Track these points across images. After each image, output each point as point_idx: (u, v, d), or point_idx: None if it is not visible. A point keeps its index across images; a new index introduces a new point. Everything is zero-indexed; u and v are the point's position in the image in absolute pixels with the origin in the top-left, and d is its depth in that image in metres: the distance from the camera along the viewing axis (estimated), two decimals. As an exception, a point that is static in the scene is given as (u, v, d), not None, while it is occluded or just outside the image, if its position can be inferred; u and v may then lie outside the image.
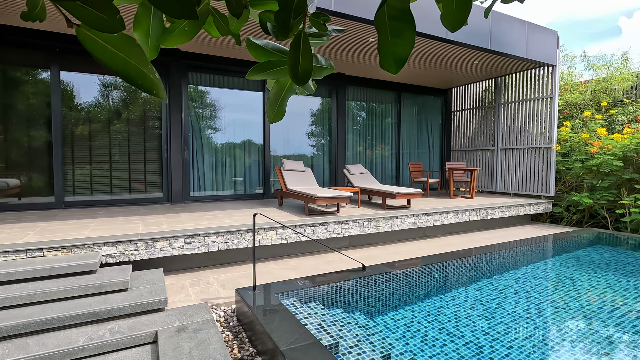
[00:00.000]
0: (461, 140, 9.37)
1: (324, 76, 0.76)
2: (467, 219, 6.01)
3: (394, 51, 0.55)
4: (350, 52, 6.32)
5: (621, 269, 4.26)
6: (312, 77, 0.72)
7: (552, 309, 3.15)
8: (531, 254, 4.92)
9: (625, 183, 6.44)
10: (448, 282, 3.80)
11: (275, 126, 7.36)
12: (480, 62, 7.00)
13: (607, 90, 8.32)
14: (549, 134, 7.21)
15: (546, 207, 7.19)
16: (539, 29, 6.76)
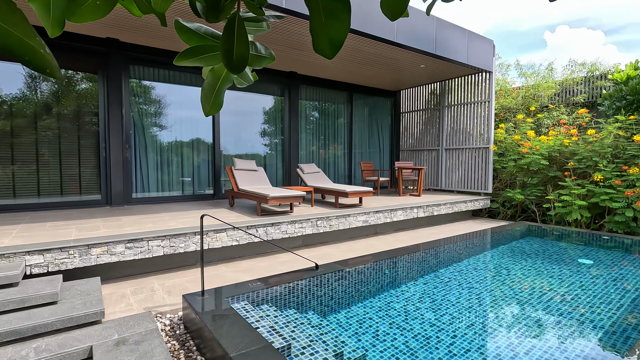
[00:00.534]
0: (409, 141, 9.78)
1: (263, 66, 0.72)
2: (415, 215, 6.28)
3: (328, 34, 0.52)
4: (302, 51, 6.30)
5: (547, 258, 4.70)
6: (251, 66, 0.68)
7: (491, 297, 3.39)
8: (472, 247, 5.26)
9: (550, 180, 7.14)
10: (398, 278, 3.93)
11: (226, 125, 7.12)
12: (426, 66, 7.35)
13: (535, 96, 9.17)
14: (487, 135, 7.78)
15: (485, 203, 7.75)
16: (478, 37, 7.26)
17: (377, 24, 5.52)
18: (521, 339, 2.57)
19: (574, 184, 6.42)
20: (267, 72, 7.48)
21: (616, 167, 6.11)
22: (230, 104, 7.17)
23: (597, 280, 3.81)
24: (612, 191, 5.92)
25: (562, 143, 6.89)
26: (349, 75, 8.26)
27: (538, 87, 9.22)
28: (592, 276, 3.94)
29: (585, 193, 6.24)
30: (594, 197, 6.10)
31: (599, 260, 4.59)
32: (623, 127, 6.34)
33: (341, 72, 7.86)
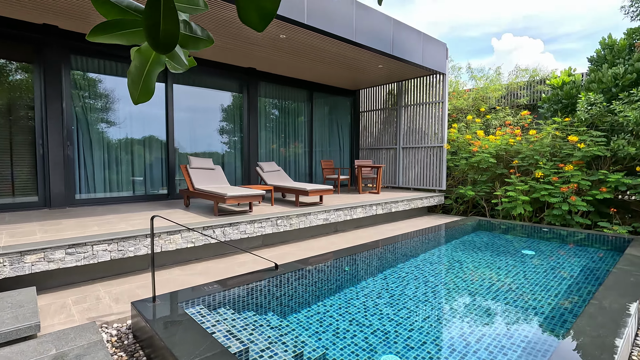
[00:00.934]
0: (369, 139, 9.97)
1: (201, 49, 0.66)
2: (374, 212, 6.41)
3: (258, 3, 0.47)
4: (261, 47, 6.18)
5: (495, 250, 5.00)
6: (185, 48, 0.61)
7: (445, 290, 3.53)
8: (427, 243, 5.46)
9: (498, 177, 7.62)
10: (358, 274, 3.97)
11: (182, 121, 6.80)
12: (384, 67, 7.52)
13: (484, 98, 9.74)
14: (441, 134, 8.13)
15: (439, 200, 8.10)
16: (432, 40, 7.55)
17: (337, 23, 5.55)
18: (472, 328, 2.69)
19: (518, 181, 6.89)
20: (224, 68, 7.25)
21: (554, 164, 6.64)
22: (185, 100, 6.86)
23: (538, 270, 4.11)
24: (551, 187, 6.43)
25: (507, 142, 7.37)
26: (310, 74, 8.24)
27: (487, 89, 9.79)
28: (533, 266, 4.25)
29: (528, 189, 6.73)
30: (535, 193, 6.59)
31: (540, 250, 4.96)
32: (559, 128, 6.91)
33: (301, 69, 7.82)
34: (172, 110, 6.62)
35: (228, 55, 6.66)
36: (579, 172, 6.26)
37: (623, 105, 5.85)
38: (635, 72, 6.35)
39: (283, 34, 5.51)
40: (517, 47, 36.91)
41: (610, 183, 6.03)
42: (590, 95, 6.46)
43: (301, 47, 6.19)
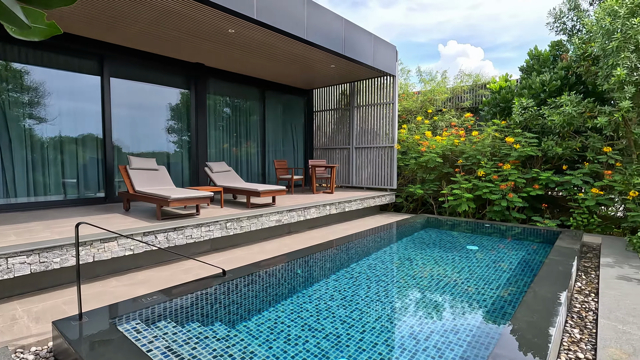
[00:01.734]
0: (322, 139, 9.98)
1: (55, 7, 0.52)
2: (328, 212, 6.39)
3: None
4: (208, 41, 5.88)
5: (442, 247, 5.20)
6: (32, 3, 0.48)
7: (396, 289, 3.57)
8: (379, 241, 5.55)
9: (444, 176, 7.99)
10: (310, 277, 3.90)
11: (122, 119, 6.27)
12: (336, 67, 7.54)
13: (431, 100, 10.18)
14: (392, 135, 8.35)
15: (391, 198, 8.31)
16: (383, 42, 7.72)
17: (288, 20, 5.43)
18: (422, 326, 2.73)
19: (462, 179, 7.27)
20: (169, 62, 6.81)
21: (494, 164, 7.10)
22: (125, 95, 6.33)
23: (481, 264, 4.32)
24: (491, 185, 6.86)
25: (453, 143, 7.74)
26: (262, 72, 8.03)
27: (434, 92, 10.25)
28: (477, 260, 4.46)
29: (472, 187, 7.12)
30: (478, 191, 6.99)
31: (483, 245, 5.25)
32: (498, 130, 7.41)
33: (254, 67, 7.59)
34: (110, 106, 6.08)
35: (173, 48, 6.26)
36: (515, 171, 6.74)
37: (550, 110, 6.39)
38: (559, 80, 6.98)
39: (232, 28, 5.27)
40: (461, 53, 39.38)
41: (541, 180, 6.57)
42: (523, 100, 6.99)
43: (252, 44, 5.99)
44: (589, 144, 6.38)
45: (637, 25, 4.91)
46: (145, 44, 6.02)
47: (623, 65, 5.10)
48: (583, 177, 6.21)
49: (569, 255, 3.94)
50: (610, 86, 5.37)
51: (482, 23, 60.26)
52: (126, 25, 5.13)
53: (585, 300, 3.25)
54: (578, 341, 2.55)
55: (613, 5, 5.16)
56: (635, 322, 2.67)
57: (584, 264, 4.39)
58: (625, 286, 3.42)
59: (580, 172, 6.27)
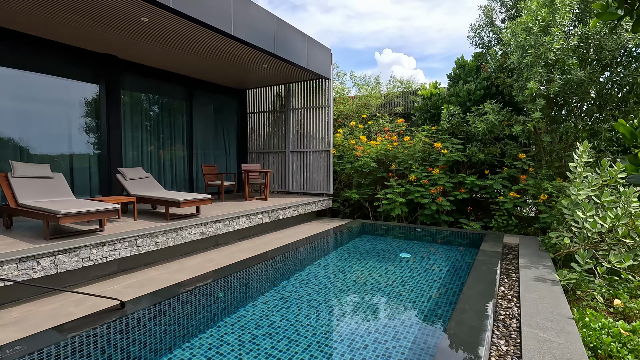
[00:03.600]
0: (257, 142, 9.51)
1: None
2: (260, 221, 5.98)
3: None
4: (119, 30, 5.12)
5: (377, 256, 5.11)
6: None
7: (328, 308, 3.31)
8: (313, 252, 5.29)
9: (379, 180, 8.05)
10: (234, 300, 3.48)
11: (6, 114, 5.19)
12: (269, 67, 7.16)
13: (366, 105, 10.30)
14: (328, 139, 8.20)
15: (327, 204, 8.15)
16: (317, 44, 7.53)
17: (212, 13, 4.93)
18: (353, 354, 2.49)
19: (396, 184, 7.36)
20: (73, 52, 5.84)
21: (424, 169, 7.30)
22: (12, 87, 5.26)
23: (413, 274, 4.27)
24: (422, 189, 7.03)
25: (386, 148, 7.83)
26: (188, 68, 7.34)
27: (368, 97, 10.37)
28: (409, 270, 4.42)
29: (404, 191, 7.24)
30: (410, 195, 7.12)
31: (415, 252, 5.27)
32: (428, 135, 7.66)
33: (177, 62, 6.88)
34: (-12, 100, 4.99)
35: (75, 35, 5.36)
36: (444, 176, 6.99)
37: (474, 118, 6.74)
38: (482, 89, 7.42)
39: (145, 16, 4.62)
40: (395, 61, 41.38)
41: (467, 185, 6.89)
42: (451, 107, 7.30)
43: (170, 36, 5.36)
44: (507, 150, 6.85)
45: (547, 43, 5.32)
46: (38, 28, 5.05)
47: (535, 79, 5.50)
48: (502, 181, 6.64)
49: (493, 261, 4.05)
50: (525, 98, 5.77)
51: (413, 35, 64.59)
52: (8, 2, 4.21)
53: (509, 306, 3.31)
54: (505, 354, 2.51)
55: (528, 22, 5.55)
56: (554, 327, 2.73)
57: (505, 266, 4.59)
58: (542, 288, 3.57)
59: (500, 177, 6.69)
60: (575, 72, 5.27)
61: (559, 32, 5.26)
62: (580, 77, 5.28)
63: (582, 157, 4.56)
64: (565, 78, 5.42)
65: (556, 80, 5.44)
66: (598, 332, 2.73)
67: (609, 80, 5.73)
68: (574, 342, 2.51)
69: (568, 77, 5.38)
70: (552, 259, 4.73)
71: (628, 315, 3.41)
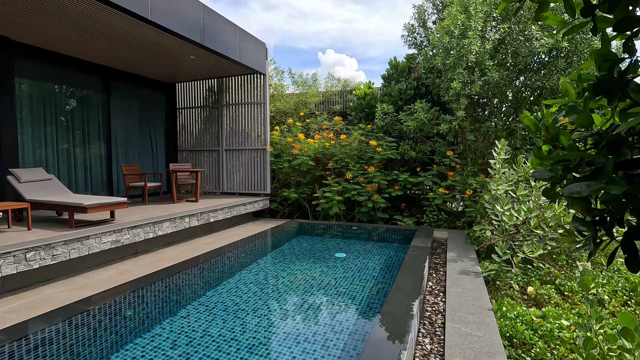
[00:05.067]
0: (188, 140, 8.87)
1: None
2: (188, 225, 5.52)
3: None
4: (7, 6, 4.32)
5: (312, 257, 4.98)
6: None
7: (256, 319, 3.07)
8: (244, 256, 5.00)
9: (318, 179, 7.96)
10: (148, 317, 3.08)
11: None
12: (198, 59, 6.66)
13: (304, 102, 10.17)
14: (264, 136, 7.91)
15: (265, 204, 7.86)
16: (251, 37, 7.19)
17: (123, -8, 4.38)
18: (276, 368, 2.29)
19: (333, 182, 7.32)
20: (-56, 28, 4.84)
21: (361, 167, 7.36)
22: None
23: (347, 275, 4.20)
24: (359, 187, 7.08)
25: (324, 146, 7.76)
26: (104, 57, 6.54)
27: (307, 95, 10.25)
28: (343, 270, 4.34)
29: (342, 189, 7.23)
30: (347, 193, 7.13)
31: (350, 251, 5.23)
32: (363, 134, 7.74)
33: (89, 49, 6.08)
34: None
35: (-54, 8, 4.42)
36: (379, 173, 7.10)
37: (406, 116, 6.94)
38: (413, 89, 7.69)
39: (37, -10, 3.95)
40: (338, 62, 41.98)
41: (400, 182, 7.08)
42: (384, 106, 7.45)
43: (74, 16, 4.67)
44: (436, 148, 7.17)
45: (467, 45, 5.61)
46: None
47: (458, 79, 5.78)
48: (432, 178, 6.92)
49: (422, 257, 4.12)
50: (450, 97, 6.05)
51: (355, 37, 66.32)
52: None
53: (435, 302, 3.36)
54: (428, 353, 2.50)
55: (450, 26, 5.81)
56: (475, 320, 2.80)
57: (434, 260, 4.73)
58: (466, 281, 3.70)
59: (430, 174, 6.97)
60: (492, 74, 5.63)
61: (474, 35, 5.58)
62: (496, 79, 5.65)
63: (500, 154, 4.87)
64: (485, 80, 5.77)
65: (476, 82, 5.77)
66: (513, 322, 2.86)
67: (523, 85, 6.24)
68: (492, 334, 2.58)
69: (486, 79, 5.74)
70: (476, 251, 4.99)
71: (539, 301, 3.67)
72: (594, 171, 0.97)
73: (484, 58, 5.70)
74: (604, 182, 0.88)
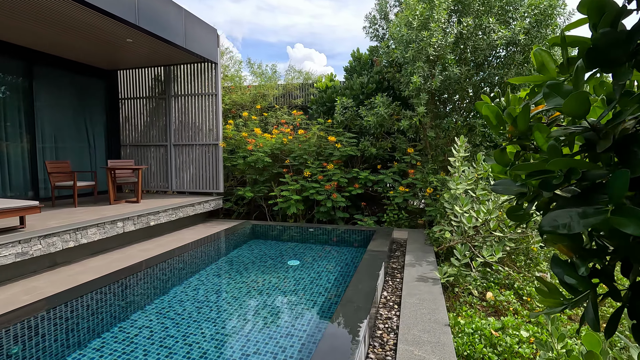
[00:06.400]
0: (133, 134, 8.07)
1: None
2: (121, 230, 4.87)
3: None
4: None
5: (263, 265, 4.52)
6: None
7: (186, 347, 2.59)
8: (185, 266, 4.46)
9: (275, 177, 7.48)
10: (45, 352, 2.51)
11: None
12: (135, 42, 5.95)
13: (263, 95, 9.62)
14: (216, 131, 7.31)
15: (217, 204, 7.28)
16: (199, 22, 6.54)
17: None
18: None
19: (291, 180, 6.89)
20: None
21: (320, 164, 6.97)
22: None
23: (298, 288, 3.80)
24: (318, 185, 6.69)
25: (282, 142, 7.30)
26: (26, 37, 5.66)
27: (265, 87, 9.71)
28: (295, 281, 3.94)
29: (300, 188, 6.81)
30: (305, 192, 6.72)
31: (306, 255, 4.84)
32: (323, 129, 7.35)
33: (10, 29, 5.20)
34: None
35: None
36: (338, 171, 6.75)
37: (366, 111, 6.62)
38: (375, 83, 7.40)
39: None
40: (307, 57, 41.35)
41: (361, 180, 6.77)
42: (344, 99, 7.09)
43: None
44: (397, 144, 6.92)
45: (426, 38, 5.35)
46: None
47: (418, 74, 5.52)
48: (393, 175, 6.68)
49: (377, 264, 3.80)
50: (410, 92, 5.78)
51: (323, 32, 65.54)
52: None
53: (389, 317, 3.04)
54: (380, 383, 2.16)
55: (408, 17, 5.52)
56: (430, 339, 2.50)
57: (392, 265, 4.45)
58: (423, 289, 3.43)
59: (391, 171, 6.72)
60: (453, 69, 5.42)
61: (437, 27, 5.33)
62: (457, 74, 5.45)
63: (459, 152, 4.65)
64: (446, 74, 5.56)
65: (437, 76, 5.54)
66: (471, 338, 2.60)
67: (482, 80, 6.10)
68: (448, 357, 2.28)
69: (447, 74, 5.52)
70: (435, 252, 4.78)
71: (498, 308, 3.47)
72: (588, 190, 0.62)
73: (445, 52, 5.48)
74: (608, 211, 0.54)
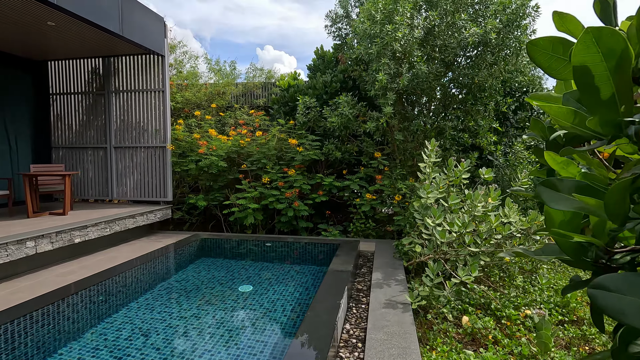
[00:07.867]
0: (67, 135, 7.06)
1: None
2: (33, 251, 4.01)
3: None
4: None
5: (209, 292, 3.86)
6: None
7: None
8: (111, 297, 3.69)
9: (232, 183, 6.78)
10: None
11: None
12: (59, 26, 5.06)
13: (221, 94, 8.87)
14: (164, 131, 6.50)
15: (165, 214, 6.47)
16: (141, 7, 5.74)
17: None
18: None
19: (248, 187, 6.23)
20: None
21: (280, 169, 6.37)
22: None
23: (248, 321, 3.18)
24: (278, 192, 6.09)
25: (239, 144, 6.61)
26: None
27: (223, 84, 8.97)
28: (247, 311, 3.31)
29: (259, 195, 6.17)
30: (265, 200, 6.09)
31: (261, 277, 4.22)
32: (284, 131, 6.75)
33: None
34: None
35: None
36: (300, 176, 6.19)
37: (330, 112, 6.10)
38: (339, 82, 6.91)
39: None
40: (277, 59, 40.47)
41: (325, 186, 6.24)
42: (307, 99, 6.54)
43: None
44: (363, 148, 6.47)
45: (391, 32, 4.91)
46: None
47: (384, 71, 5.08)
48: (360, 181, 6.21)
49: (339, 289, 3.26)
50: (376, 92, 5.33)
51: (294, 35, 64.59)
52: None
53: None
54: None
55: (370, 9, 5.07)
56: (403, 393, 1.97)
57: (357, 286, 3.93)
58: (392, 319, 2.93)
59: (358, 177, 6.25)
60: (421, 67, 5.02)
61: (402, 20, 4.91)
62: (425, 72, 5.05)
63: (430, 156, 4.23)
64: (414, 72, 5.15)
65: (404, 74, 5.13)
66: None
67: (451, 81, 5.77)
68: None
69: (415, 72, 5.12)
70: (405, 267, 4.33)
71: (476, 336, 3.04)
72: None
73: (412, 48, 5.07)
74: None
